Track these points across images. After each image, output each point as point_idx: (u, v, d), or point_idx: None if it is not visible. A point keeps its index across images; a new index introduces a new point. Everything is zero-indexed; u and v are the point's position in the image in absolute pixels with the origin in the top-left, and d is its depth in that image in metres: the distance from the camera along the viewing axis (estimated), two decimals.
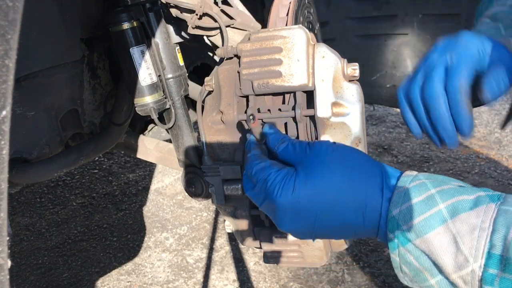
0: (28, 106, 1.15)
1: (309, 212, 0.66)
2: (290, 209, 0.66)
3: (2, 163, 0.48)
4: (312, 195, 0.65)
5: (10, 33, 0.45)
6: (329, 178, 0.66)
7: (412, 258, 0.61)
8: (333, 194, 0.65)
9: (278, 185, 0.68)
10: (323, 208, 0.65)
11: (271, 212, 0.70)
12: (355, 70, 0.86)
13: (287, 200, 0.66)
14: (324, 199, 0.65)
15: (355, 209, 0.65)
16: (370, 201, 0.65)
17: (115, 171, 4.11)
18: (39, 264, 3.01)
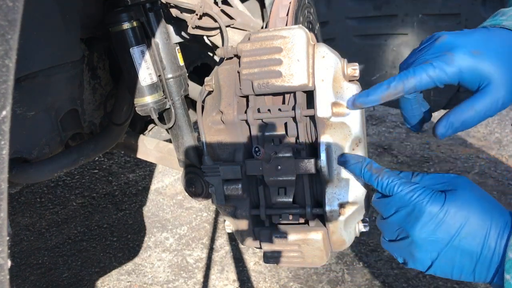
0: (28, 106, 1.15)
1: (450, 226, 0.72)
2: (437, 218, 0.73)
3: (2, 163, 0.48)
4: (458, 214, 0.72)
5: (10, 33, 0.45)
6: (472, 203, 0.73)
7: None
8: (473, 217, 0.72)
9: (429, 196, 0.75)
10: (463, 227, 0.72)
11: (412, 216, 0.75)
12: (355, 70, 0.86)
13: (436, 209, 0.73)
14: (466, 220, 0.72)
15: (486, 239, 0.71)
16: (501, 235, 0.70)
17: (115, 171, 4.11)
18: (39, 264, 3.01)
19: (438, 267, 0.75)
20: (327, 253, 0.93)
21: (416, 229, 0.74)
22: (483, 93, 0.76)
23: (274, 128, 0.89)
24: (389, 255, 2.77)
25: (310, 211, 0.90)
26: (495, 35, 0.79)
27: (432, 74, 0.76)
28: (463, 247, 0.72)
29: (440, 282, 2.54)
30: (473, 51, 0.75)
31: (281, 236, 0.92)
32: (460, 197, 0.74)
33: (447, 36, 0.79)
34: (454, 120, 0.78)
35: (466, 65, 0.75)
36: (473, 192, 0.75)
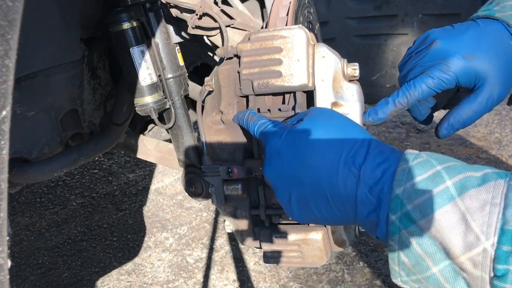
0: (28, 106, 1.15)
1: (290, 157, 0.68)
2: (276, 150, 0.70)
3: (2, 163, 0.48)
4: (295, 141, 0.68)
5: (10, 33, 0.45)
6: (312, 129, 0.68)
7: (414, 243, 0.56)
8: (312, 144, 0.66)
9: (275, 128, 0.73)
10: (302, 156, 0.66)
11: (262, 152, 0.75)
12: (355, 70, 0.86)
13: (276, 141, 0.70)
14: (303, 148, 0.67)
15: (328, 166, 0.64)
16: (343, 163, 0.63)
17: (115, 171, 4.11)
18: (39, 264, 3.01)
19: (299, 210, 0.69)
20: (327, 253, 0.93)
21: (264, 165, 0.72)
22: (478, 93, 0.81)
23: None
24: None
25: None
26: (486, 34, 0.82)
27: (431, 84, 0.81)
28: (306, 180, 0.66)
29: None
30: (466, 55, 0.80)
31: (281, 236, 0.92)
32: (302, 125, 0.70)
33: (439, 43, 0.83)
34: (454, 122, 0.84)
35: (461, 70, 0.80)
36: (318, 118, 0.71)
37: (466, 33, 0.83)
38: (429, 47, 0.84)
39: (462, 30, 0.84)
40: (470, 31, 0.84)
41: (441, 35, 0.85)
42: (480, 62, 0.80)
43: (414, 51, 0.89)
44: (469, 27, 0.85)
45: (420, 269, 0.57)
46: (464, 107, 0.83)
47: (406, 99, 0.83)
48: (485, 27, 0.84)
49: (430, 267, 0.56)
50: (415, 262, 0.57)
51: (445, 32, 0.85)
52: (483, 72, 0.80)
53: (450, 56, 0.81)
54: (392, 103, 0.84)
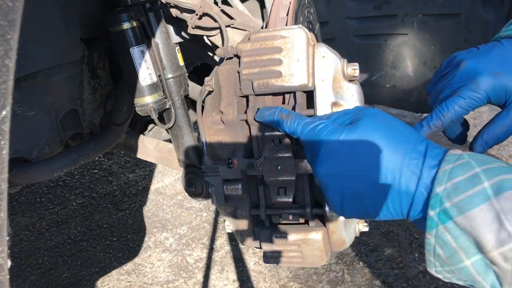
0: (28, 106, 1.15)
1: (348, 157, 0.70)
2: (333, 151, 0.71)
3: (2, 163, 0.48)
4: (357, 142, 0.70)
5: (10, 33, 0.45)
6: (373, 132, 0.70)
7: (449, 237, 0.61)
8: (374, 146, 0.69)
9: (328, 128, 0.73)
10: (362, 156, 0.69)
11: (314, 153, 0.74)
12: (355, 70, 0.86)
13: (333, 141, 0.71)
14: (364, 149, 0.69)
15: (392, 167, 0.67)
16: (407, 164, 0.66)
17: (115, 171, 4.11)
18: (39, 264, 3.01)
19: (350, 206, 0.72)
20: (327, 253, 0.93)
21: (316, 165, 0.73)
22: (509, 109, 0.85)
23: (274, 128, 0.89)
24: (389, 255, 2.77)
25: (310, 211, 0.90)
26: (510, 51, 0.86)
27: (463, 104, 0.85)
28: (366, 179, 0.68)
29: (440, 282, 2.54)
30: (494, 73, 0.84)
31: (281, 236, 0.92)
32: (360, 126, 0.71)
33: (467, 62, 0.87)
34: (488, 139, 0.89)
35: (491, 88, 0.84)
36: (376, 121, 0.72)
37: (491, 52, 0.87)
38: (457, 68, 0.88)
39: (487, 50, 0.88)
40: (495, 50, 0.87)
41: (467, 55, 0.89)
42: (508, 78, 0.83)
43: (442, 72, 0.93)
44: (493, 47, 0.88)
45: (453, 261, 0.62)
46: (497, 123, 0.87)
47: (440, 121, 0.87)
48: (509, 45, 0.87)
49: (463, 259, 0.60)
50: (449, 255, 0.62)
51: (471, 53, 0.89)
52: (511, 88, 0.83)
53: (479, 75, 0.85)
54: (427, 127, 0.88)
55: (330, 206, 0.75)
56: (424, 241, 0.65)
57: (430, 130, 0.88)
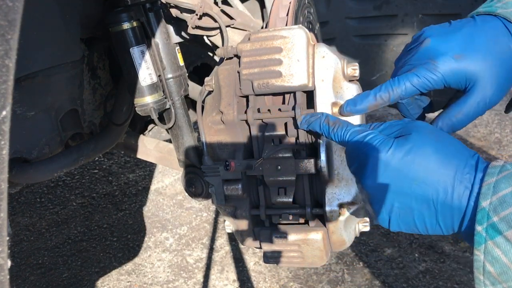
0: (28, 106, 1.15)
1: (398, 171, 0.68)
2: (383, 163, 0.69)
3: (2, 163, 0.48)
4: (407, 156, 0.68)
5: (10, 33, 0.45)
6: (424, 146, 0.68)
7: (500, 253, 0.58)
8: (425, 160, 0.67)
9: (378, 139, 0.71)
10: (413, 170, 0.67)
11: (361, 163, 0.72)
12: (355, 70, 0.86)
13: (383, 153, 0.69)
14: (415, 163, 0.67)
15: (444, 182, 0.65)
16: (459, 179, 0.65)
17: (115, 171, 4.10)
18: (39, 264, 3.01)
19: (398, 220, 0.71)
20: (327, 253, 0.93)
21: (364, 177, 0.71)
22: (469, 95, 0.78)
23: (274, 128, 0.89)
24: (389, 255, 2.77)
25: (310, 211, 0.90)
26: (481, 32, 0.78)
27: (416, 82, 0.78)
28: (417, 194, 0.67)
29: (440, 282, 2.54)
30: (456, 56, 0.76)
31: (281, 236, 0.92)
32: (410, 140, 0.69)
33: (430, 41, 0.80)
34: (443, 125, 0.81)
35: (449, 71, 0.77)
36: (427, 135, 0.70)
37: (460, 31, 0.79)
38: (420, 45, 0.81)
39: (457, 28, 0.80)
40: (465, 29, 0.79)
41: (433, 32, 0.82)
42: (470, 63, 0.76)
43: (408, 47, 0.87)
44: (465, 25, 0.80)
45: (506, 278, 0.59)
46: (454, 109, 0.80)
47: (388, 95, 0.80)
48: (482, 24, 0.79)
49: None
50: (501, 271, 0.59)
51: (439, 30, 0.82)
52: (474, 74, 0.76)
53: (439, 56, 0.77)
54: (373, 96, 0.81)
55: (376, 219, 0.74)
56: (472, 259, 0.63)
57: (375, 101, 0.81)
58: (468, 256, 2.71)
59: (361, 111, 0.82)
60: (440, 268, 2.64)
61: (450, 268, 2.64)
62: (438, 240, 2.86)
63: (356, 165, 0.74)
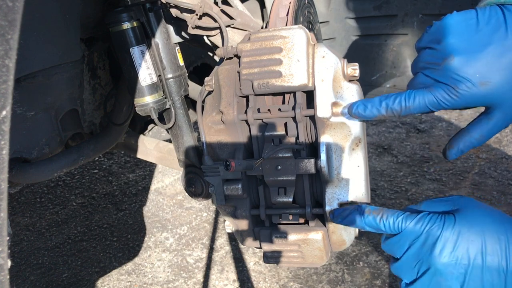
0: (28, 106, 1.15)
1: (468, 245, 0.70)
2: (451, 240, 0.71)
3: (2, 163, 0.48)
4: (472, 230, 0.70)
5: (10, 33, 0.45)
6: (480, 218, 0.72)
7: None
8: (486, 231, 0.70)
9: (439, 220, 0.73)
10: (479, 242, 0.70)
11: (430, 248, 0.72)
12: (355, 70, 0.86)
13: (449, 231, 0.71)
14: (480, 235, 0.70)
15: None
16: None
17: (115, 171, 4.10)
18: (39, 264, 3.01)
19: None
20: (327, 253, 0.93)
21: (435, 256, 0.71)
22: (490, 118, 0.76)
23: (274, 128, 0.89)
24: (389, 255, 2.77)
25: (310, 211, 0.90)
26: (508, 51, 0.71)
27: (431, 103, 0.76)
28: (487, 264, 0.69)
29: None
30: (481, 82, 0.71)
31: (281, 236, 0.92)
32: (468, 215, 0.72)
33: (455, 60, 0.72)
34: (464, 148, 0.81)
35: (470, 97, 0.72)
36: (479, 208, 0.73)
37: (488, 46, 0.71)
38: (442, 62, 0.74)
39: (486, 37, 0.71)
40: (495, 42, 0.71)
41: (458, 45, 0.73)
42: (494, 88, 0.71)
43: (427, 43, 0.79)
44: (494, 32, 0.71)
45: None
46: (475, 132, 0.78)
47: (399, 110, 0.78)
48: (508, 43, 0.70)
49: None
50: None
51: (464, 42, 0.73)
52: (497, 98, 0.72)
53: (462, 81, 0.71)
54: (384, 109, 0.79)
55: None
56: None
57: (385, 113, 0.79)
58: None
59: (368, 118, 0.82)
60: None
61: None
62: None
63: (418, 248, 0.74)
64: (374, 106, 0.80)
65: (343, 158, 0.86)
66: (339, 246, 0.93)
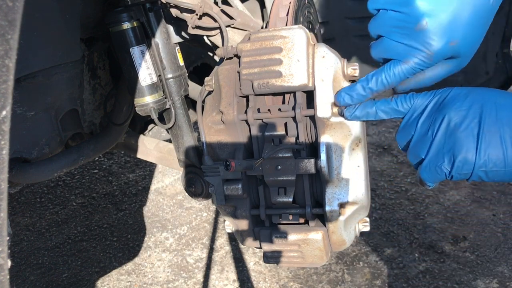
0: (28, 106, 1.15)
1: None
2: (461, 93, 0.72)
3: (2, 163, 0.48)
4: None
5: (10, 33, 0.45)
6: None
7: None
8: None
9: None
10: None
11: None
12: (355, 70, 0.86)
13: (459, 89, 0.73)
14: None
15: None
16: None
17: (115, 171, 4.10)
18: (39, 264, 3.01)
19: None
20: (327, 253, 0.93)
21: (447, 104, 0.73)
22: (447, 65, 0.79)
23: (274, 128, 0.89)
24: (389, 255, 2.77)
25: (310, 211, 0.90)
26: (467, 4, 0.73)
27: (408, 73, 0.77)
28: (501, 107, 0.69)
29: (440, 282, 2.54)
30: (451, 42, 0.74)
31: (281, 236, 0.92)
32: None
33: (428, 25, 0.73)
34: (415, 86, 0.82)
35: (442, 57, 0.75)
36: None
37: (452, 3, 0.72)
38: (416, 27, 0.73)
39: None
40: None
41: (429, 9, 0.72)
42: (461, 44, 0.74)
43: (384, 8, 0.77)
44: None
45: None
46: (430, 72, 0.80)
47: (383, 89, 0.79)
48: None
49: None
50: None
51: (432, 3, 0.73)
52: (460, 52, 0.75)
53: (436, 46, 0.73)
54: (370, 93, 0.80)
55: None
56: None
57: (371, 96, 0.81)
58: (468, 256, 2.71)
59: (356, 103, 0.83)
60: (440, 268, 2.64)
61: (450, 268, 2.64)
62: (438, 240, 2.86)
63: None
64: (359, 94, 0.81)
65: (343, 158, 0.86)
66: (339, 246, 0.93)
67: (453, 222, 3.01)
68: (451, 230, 2.95)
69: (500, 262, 2.65)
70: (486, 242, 2.81)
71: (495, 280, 2.53)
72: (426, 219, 3.06)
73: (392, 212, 3.13)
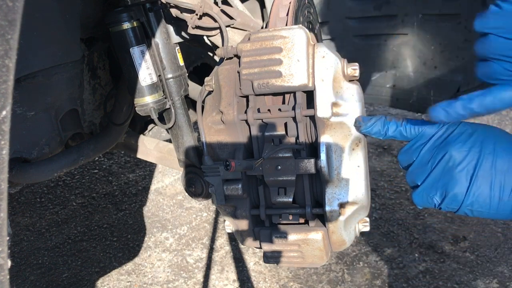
0: (28, 106, 1.15)
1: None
2: (466, 131, 0.76)
3: (2, 163, 0.48)
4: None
5: (10, 33, 0.45)
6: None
7: None
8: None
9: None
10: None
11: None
12: (355, 70, 0.86)
13: (465, 125, 0.76)
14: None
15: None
16: None
17: (115, 171, 4.10)
18: (39, 264, 3.01)
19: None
20: (327, 253, 0.93)
21: (450, 142, 0.75)
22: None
23: (274, 128, 0.89)
24: (389, 255, 2.77)
25: (310, 211, 0.90)
26: None
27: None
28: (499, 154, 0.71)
29: (440, 282, 2.54)
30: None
31: (281, 236, 0.92)
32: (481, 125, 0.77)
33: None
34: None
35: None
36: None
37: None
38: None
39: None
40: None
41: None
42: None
43: (491, 33, 0.71)
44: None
45: None
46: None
47: (484, 113, 0.74)
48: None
49: None
50: None
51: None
52: None
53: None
54: (469, 114, 0.74)
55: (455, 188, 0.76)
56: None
57: (468, 117, 0.74)
58: (468, 256, 2.71)
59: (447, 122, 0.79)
60: (440, 268, 2.64)
61: (450, 268, 2.64)
62: (438, 240, 2.86)
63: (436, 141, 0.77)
64: (457, 112, 0.75)
65: (343, 158, 0.86)
66: (339, 246, 0.93)
67: (453, 222, 3.01)
68: (451, 230, 2.95)
69: (500, 262, 2.65)
70: (486, 242, 2.81)
71: (495, 280, 2.53)
72: (426, 219, 3.06)
73: (392, 212, 3.13)
